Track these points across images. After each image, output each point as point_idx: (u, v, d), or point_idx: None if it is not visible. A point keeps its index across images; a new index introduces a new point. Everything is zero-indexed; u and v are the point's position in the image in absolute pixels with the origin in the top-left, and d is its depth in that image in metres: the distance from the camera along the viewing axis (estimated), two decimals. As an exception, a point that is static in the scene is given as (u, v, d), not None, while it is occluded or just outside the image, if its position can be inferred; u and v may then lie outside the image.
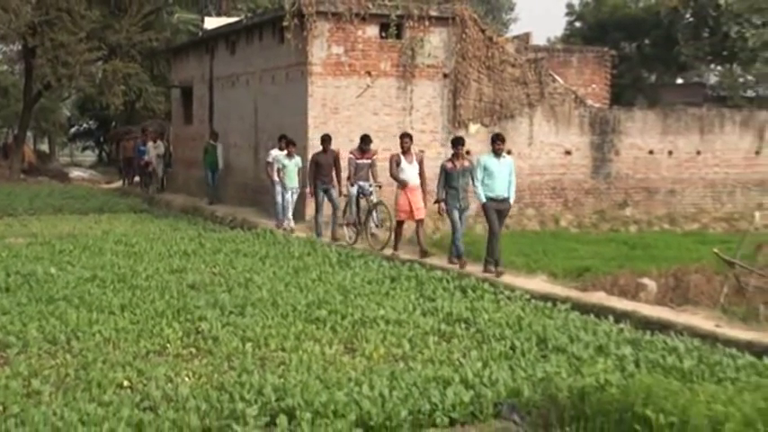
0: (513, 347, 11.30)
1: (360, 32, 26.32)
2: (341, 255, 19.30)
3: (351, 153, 21.76)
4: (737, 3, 55.53)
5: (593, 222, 20.42)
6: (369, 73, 26.43)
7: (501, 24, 75.01)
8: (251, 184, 29.99)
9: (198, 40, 36.93)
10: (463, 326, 12.62)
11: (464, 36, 27.29)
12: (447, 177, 17.69)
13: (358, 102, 26.28)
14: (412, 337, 11.87)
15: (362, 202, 21.58)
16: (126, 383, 9.51)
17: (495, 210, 16.85)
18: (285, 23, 25.99)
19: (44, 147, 63.11)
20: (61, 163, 57.90)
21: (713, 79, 61.66)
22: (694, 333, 12.04)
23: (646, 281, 15.25)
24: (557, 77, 30.47)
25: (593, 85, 36.39)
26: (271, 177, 25.08)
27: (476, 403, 8.94)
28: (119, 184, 43.82)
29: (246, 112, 30.83)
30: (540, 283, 15.92)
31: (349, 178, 21.61)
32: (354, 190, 21.47)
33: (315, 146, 25.38)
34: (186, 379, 9.75)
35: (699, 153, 30.67)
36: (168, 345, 11.36)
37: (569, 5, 64.39)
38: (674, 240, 25.06)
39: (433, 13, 27.23)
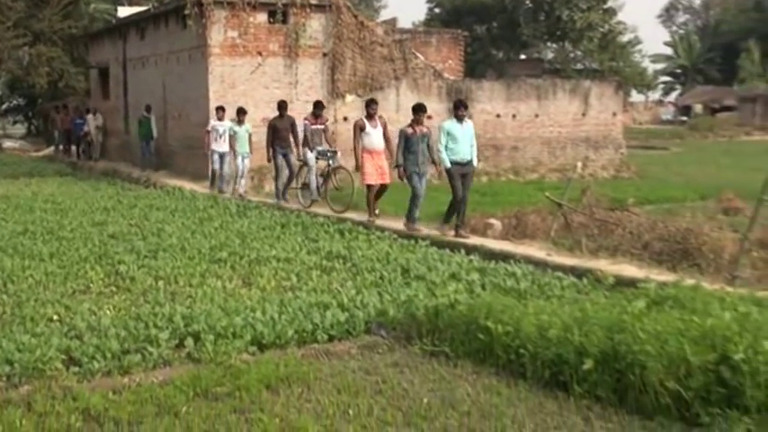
0: (381, 277, 11.48)
1: (251, 19, 26.18)
2: (239, 206, 19.27)
3: (305, 119, 19.56)
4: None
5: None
6: (260, 53, 26.32)
7: (372, 10, 74.91)
8: (162, 149, 29.69)
9: (112, 26, 36.46)
10: (341, 261, 12.77)
11: (340, 21, 27.34)
12: (407, 143, 15.56)
13: (251, 78, 26.19)
14: (298, 272, 12.01)
15: (321, 164, 19.40)
16: (55, 317, 9.48)
17: (461, 174, 14.90)
18: (187, 12, 25.82)
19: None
20: (-5, 135, 56.25)
21: (549, 55, 62.54)
22: (530, 261, 12.31)
23: (492, 221, 15.51)
24: (419, 55, 30.63)
25: (450, 61, 36.69)
26: (208, 145, 23.56)
27: (350, 323, 9.11)
28: (46, 152, 42.77)
29: (156, 88, 30.38)
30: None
31: (306, 144, 19.33)
32: (313, 155, 19.18)
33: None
34: (107, 312, 9.74)
35: (537, 116, 31.24)
36: (91, 285, 11.33)
37: (430, -6, 64.69)
38: (517, 188, 25.53)
39: (313, 2, 27.20)
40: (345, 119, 27.11)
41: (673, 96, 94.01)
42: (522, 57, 60.82)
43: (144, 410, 6.77)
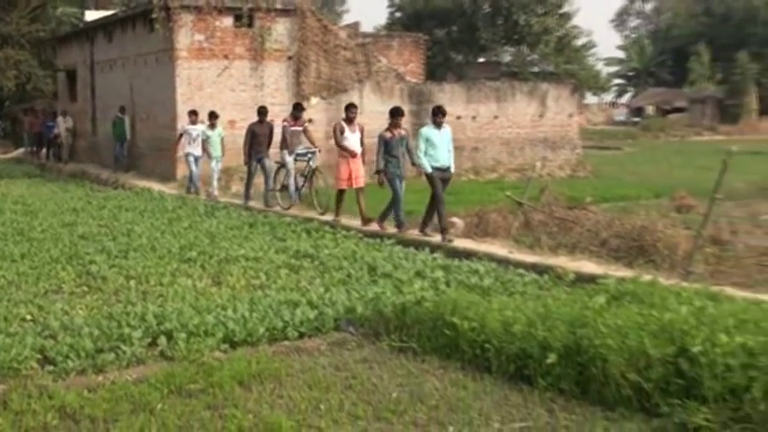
0: (349, 275, 11.47)
1: (218, 22, 26.09)
2: (207, 207, 19.21)
3: (284, 121, 19.03)
4: (523, -5, 56.77)
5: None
6: (226, 56, 26.20)
7: (334, 15, 74.87)
8: (130, 151, 29.35)
9: (79, 30, 36.11)
10: (309, 260, 12.75)
11: (304, 25, 27.30)
12: (386, 146, 15.08)
13: (218, 80, 26.07)
14: (267, 271, 11.98)
15: (301, 165, 18.87)
16: (29, 317, 9.43)
17: (441, 178, 14.61)
18: (154, 15, 25.71)
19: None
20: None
21: (507, 58, 62.75)
22: (492, 258, 12.36)
23: (455, 219, 15.50)
24: (381, 58, 30.63)
25: (411, 64, 36.66)
26: (177, 147, 23.35)
27: (319, 320, 9.14)
28: (14, 154, 42.19)
29: (123, 90, 30.10)
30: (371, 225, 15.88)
31: (286, 146, 18.65)
32: (292, 158, 18.62)
33: (184, 117, 25.15)
34: (80, 311, 9.68)
35: (496, 118, 31.31)
36: (63, 285, 11.25)
37: (391, 0, 64.69)
38: (478, 187, 25.50)
39: (278, 6, 27.19)
40: (310, 120, 26.99)
41: (625, 98, 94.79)
42: (481, 60, 60.99)
43: (119, 408, 6.74)
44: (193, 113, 23.02)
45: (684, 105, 74.59)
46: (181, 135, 23.21)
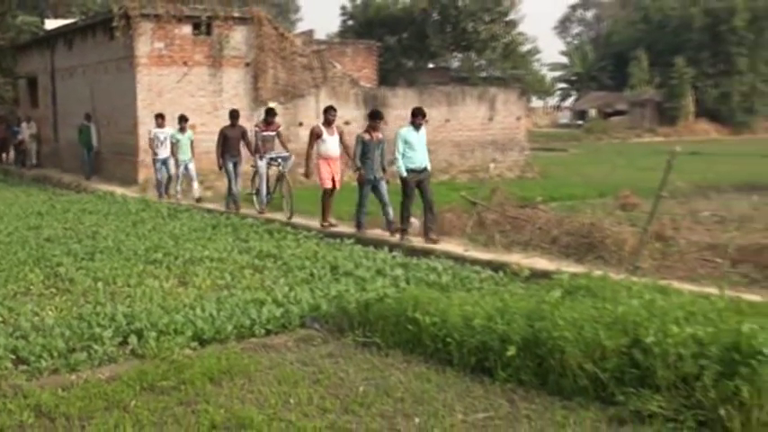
0: (311, 274, 11.47)
1: (177, 30, 25.89)
2: (170, 209, 19.07)
3: (256, 126, 18.68)
4: (472, 4, 56.99)
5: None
6: (185, 63, 26.00)
7: (289, 23, 74.61)
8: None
9: (40, 38, 35.53)
10: (272, 260, 12.71)
11: (261, 33, 27.19)
12: (364, 148, 14.73)
13: (178, 86, 25.86)
14: (232, 271, 11.93)
15: (274, 170, 18.36)
16: (-1, 319, 9.30)
17: (417, 180, 14.22)
18: (115, 24, 25.40)
19: None
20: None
21: (456, 64, 63.02)
22: (449, 256, 12.45)
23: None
24: (336, 64, 30.62)
25: (365, 70, 36.76)
26: (152, 151, 22.33)
27: (285, 317, 9.13)
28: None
29: (84, 97, 29.75)
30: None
31: (257, 151, 18.27)
32: (264, 162, 18.20)
33: (145, 123, 25.07)
34: (50, 312, 9.57)
35: (447, 121, 31.38)
36: (32, 286, 11.10)
37: (343, 7, 64.67)
38: (431, 188, 25.55)
39: (236, 15, 27.13)
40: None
41: (569, 102, 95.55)
42: (431, 66, 61.11)
43: (93, 406, 6.67)
44: (160, 117, 22.55)
45: (625, 108, 75.34)
46: (151, 139, 22.53)
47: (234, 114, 19.78)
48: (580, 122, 78.80)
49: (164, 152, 21.96)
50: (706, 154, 39.00)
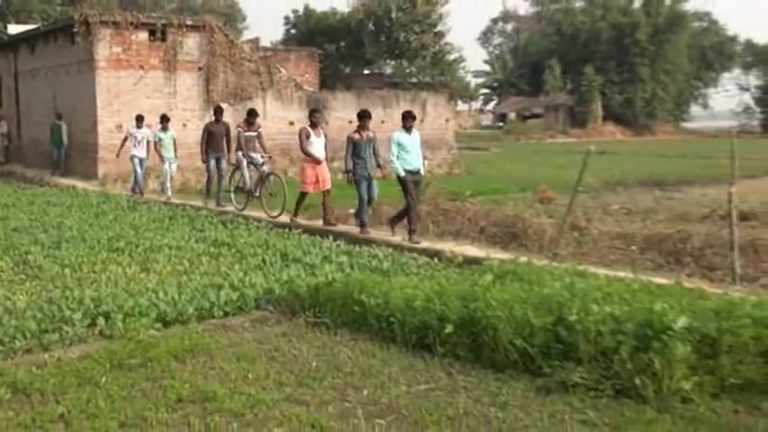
0: (264, 261, 11.41)
1: (134, 36, 25.52)
2: (129, 201, 18.80)
3: (238, 126, 17.34)
4: (403, 16, 57.12)
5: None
6: (142, 67, 25.65)
7: (237, 31, 73.81)
8: (51, 152, 28.47)
9: (3, 42, 34.73)
10: (226, 248, 12.61)
11: (212, 39, 26.95)
12: (355, 148, 13.83)
13: (135, 88, 25.48)
14: (190, 258, 11.82)
15: (253, 172, 17.15)
16: (-27, 303, 9.06)
17: (412, 181, 13.36)
18: (75, 30, 25.03)
19: None
20: None
21: (389, 70, 63.02)
22: (389, 245, 12.50)
23: (352, 211, 15.52)
24: (281, 69, 30.45)
25: (307, 75, 36.59)
26: (119, 150, 21.40)
27: (241, 300, 9.10)
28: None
29: (47, 98, 29.15)
30: (281, 217, 15.61)
31: (239, 149, 17.02)
32: (245, 161, 16.95)
33: (103, 122, 24.74)
34: (21, 297, 9.37)
35: (383, 122, 31.07)
36: (2, 273, 10.88)
37: (286, 17, 64.28)
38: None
39: (189, 22, 26.90)
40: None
41: (491, 105, 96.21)
42: (366, 72, 61.00)
43: (66, 382, 6.58)
44: (140, 118, 21.42)
45: (541, 112, 76.24)
46: (125, 138, 21.48)
47: (218, 110, 18.83)
48: (501, 124, 79.50)
49: (140, 151, 20.90)
50: (613, 153, 39.41)
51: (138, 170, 20.92)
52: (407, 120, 13.64)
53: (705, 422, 5.76)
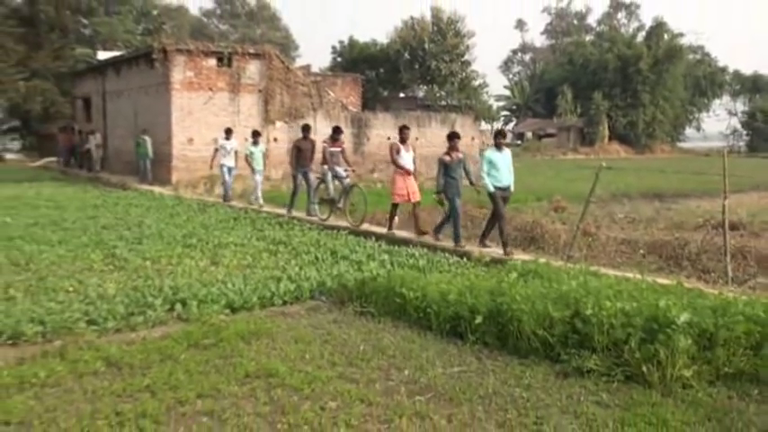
0: (316, 257, 11.47)
1: (204, 63, 25.77)
2: (199, 204, 18.95)
3: (324, 142, 16.32)
4: (435, 47, 57.13)
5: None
6: (210, 89, 25.90)
7: (291, 58, 74.27)
8: (132, 161, 28.80)
9: (93, 66, 35.24)
10: (283, 246, 12.67)
11: (270, 66, 27.11)
12: (446, 169, 12.76)
13: (204, 107, 25.74)
14: (252, 254, 11.89)
15: (337, 185, 16.05)
16: (71, 289, 9.24)
17: (501, 197, 12.46)
18: (155, 56, 25.37)
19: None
20: (-3, 149, 53.78)
21: (421, 94, 62.96)
22: (424, 245, 12.51)
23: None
24: (329, 92, 30.57)
25: (351, 97, 36.74)
26: (212, 161, 20.64)
27: (298, 291, 9.16)
28: (40, 162, 40.66)
29: (129, 114, 29.56)
30: (329, 221, 15.59)
31: (325, 163, 16.05)
32: (331, 174, 15.93)
33: (177, 135, 25.10)
34: (111, 285, 9.50)
35: (417, 138, 31.28)
36: (94, 264, 11.01)
37: (333, 47, 64.64)
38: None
39: (251, 51, 27.07)
40: (276, 140, 27.08)
41: (510, 126, 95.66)
42: (402, 95, 61.07)
43: (151, 358, 6.69)
44: (228, 131, 20.85)
45: (554, 132, 75.60)
46: (216, 150, 20.77)
47: (306, 128, 17.69)
48: (519, 142, 78.97)
49: (229, 161, 20.22)
50: (618, 169, 39.14)
51: (227, 178, 20.27)
52: (498, 138, 12.78)
53: (703, 406, 5.72)
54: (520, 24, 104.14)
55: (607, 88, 70.82)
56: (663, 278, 9.51)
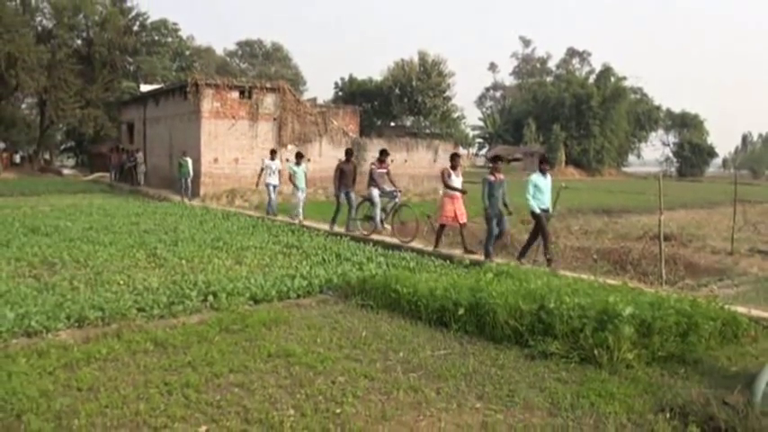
0: (324, 259, 11.51)
1: (228, 95, 25.90)
2: (223, 213, 18.96)
3: (372, 164, 15.45)
4: (421, 84, 57.43)
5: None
6: (233, 117, 25.99)
7: (300, 92, 74.41)
8: (167, 177, 28.91)
9: (137, 97, 35.39)
10: (295, 249, 12.71)
11: (284, 98, 27.25)
12: (490, 188, 11.77)
13: (228, 132, 25.85)
14: (270, 255, 11.93)
15: (386, 201, 15.13)
16: (122, 282, 9.32)
17: (545, 218, 11.61)
18: (188, 89, 25.47)
19: (47, 156, 57.71)
20: (57, 165, 53.73)
21: (408, 123, 63.19)
22: (413, 250, 12.59)
23: (387, 226, 15.44)
24: (333, 121, 30.66)
25: (350, 125, 36.69)
26: (258, 179, 19.70)
27: (309, 286, 9.21)
28: (91, 177, 40.46)
29: (165, 138, 29.63)
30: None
31: (371, 184, 15.03)
32: (376, 192, 14.93)
33: (205, 156, 25.11)
34: (154, 279, 9.58)
35: (406, 161, 31.50)
36: (139, 262, 11.08)
37: (336, 82, 65.05)
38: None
39: (268, 85, 27.23)
40: (288, 160, 27.09)
41: (483, 151, 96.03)
42: (392, 124, 61.39)
43: (190, 339, 6.78)
44: (273, 152, 20.01)
45: (521, 156, 75.88)
46: (262, 169, 19.55)
47: (349, 152, 16.22)
48: (491, 165, 79.12)
49: (273, 179, 19.04)
50: (573, 189, 39.43)
51: (272, 195, 18.94)
52: (543, 164, 11.88)
53: (641, 382, 5.88)
54: (492, 66, 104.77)
55: (564, 121, 71.29)
56: (611, 279, 9.68)
